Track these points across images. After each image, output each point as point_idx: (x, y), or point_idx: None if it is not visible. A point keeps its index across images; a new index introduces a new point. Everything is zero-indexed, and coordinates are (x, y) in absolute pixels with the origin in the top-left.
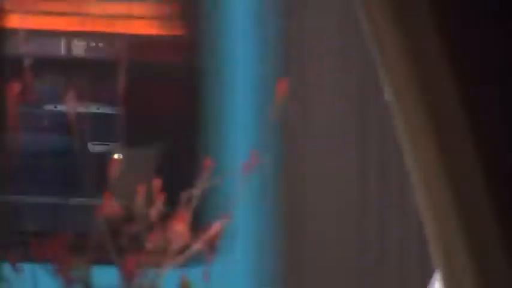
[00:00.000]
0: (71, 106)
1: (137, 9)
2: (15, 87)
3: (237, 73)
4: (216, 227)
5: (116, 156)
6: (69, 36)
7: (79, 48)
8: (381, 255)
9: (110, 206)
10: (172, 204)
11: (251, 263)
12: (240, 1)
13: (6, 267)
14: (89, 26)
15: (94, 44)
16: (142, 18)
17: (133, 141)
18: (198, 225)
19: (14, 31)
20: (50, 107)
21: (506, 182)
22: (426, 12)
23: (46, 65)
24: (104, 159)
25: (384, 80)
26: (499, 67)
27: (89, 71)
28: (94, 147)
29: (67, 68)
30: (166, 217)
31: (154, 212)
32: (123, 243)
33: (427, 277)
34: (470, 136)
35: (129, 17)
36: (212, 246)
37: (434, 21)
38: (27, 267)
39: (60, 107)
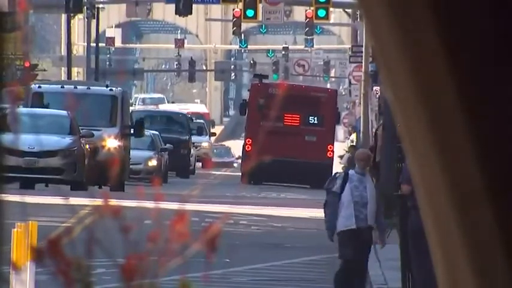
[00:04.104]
0: None
1: None
2: None
3: None
4: (216, 226)
5: None
6: None
7: None
8: None
9: None
10: None
11: None
12: None
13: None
14: None
15: None
16: None
17: None
18: None
19: None
20: None
21: (506, 179)
22: (425, 12)
23: None
24: None
25: (384, 81)
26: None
27: None
28: None
29: None
30: None
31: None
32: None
33: None
34: (470, 136)
35: None
36: (212, 246)
37: (433, 20)
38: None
39: None
